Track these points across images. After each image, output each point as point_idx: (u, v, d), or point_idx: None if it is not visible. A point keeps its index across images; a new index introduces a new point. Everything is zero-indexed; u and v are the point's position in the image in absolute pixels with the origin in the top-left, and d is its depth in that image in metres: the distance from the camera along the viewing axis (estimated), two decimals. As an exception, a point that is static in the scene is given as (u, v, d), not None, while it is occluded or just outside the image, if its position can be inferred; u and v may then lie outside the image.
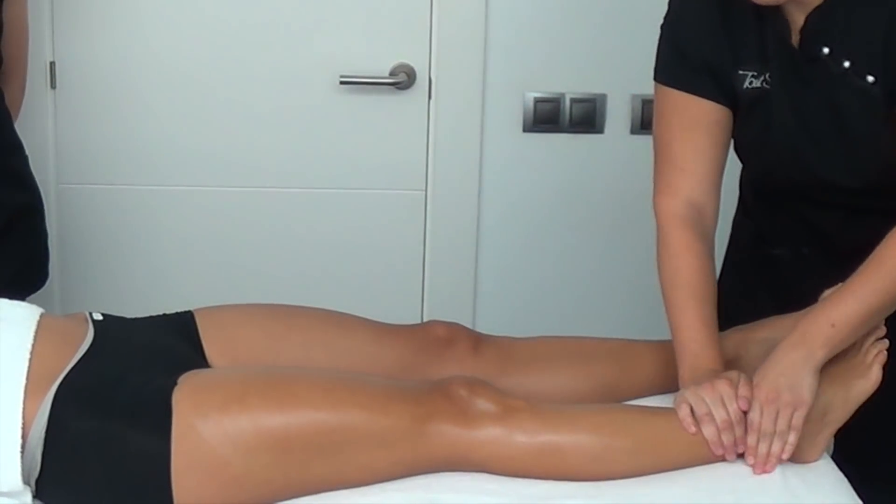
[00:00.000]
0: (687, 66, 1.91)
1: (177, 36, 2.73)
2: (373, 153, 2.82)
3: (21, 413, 1.62)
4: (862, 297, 1.77)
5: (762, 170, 2.01)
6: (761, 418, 1.73)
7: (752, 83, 1.87)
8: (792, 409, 1.73)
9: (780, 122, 1.88)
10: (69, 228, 2.80)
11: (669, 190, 1.93)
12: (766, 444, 1.73)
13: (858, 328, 1.78)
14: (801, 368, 1.75)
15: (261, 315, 1.92)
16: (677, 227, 1.91)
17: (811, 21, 1.81)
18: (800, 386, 1.74)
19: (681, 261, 1.90)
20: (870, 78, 1.79)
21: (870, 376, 1.81)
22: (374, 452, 1.68)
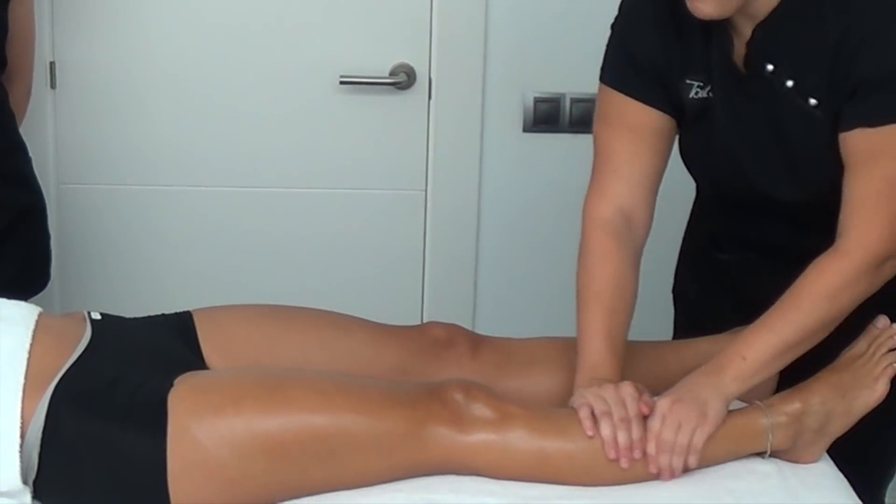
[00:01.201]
0: (635, 71, 1.88)
1: (177, 36, 2.73)
2: (373, 153, 2.82)
3: (20, 412, 1.62)
4: (777, 331, 1.75)
5: (707, 180, 1.99)
6: (662, 427, 1.70)
7: (697, 93, 1.85)
8: (694, 425, 1.70)
9: (722, 135, 1.86)
10: (69, 228, 2.81)
11: (601, 194, 1.90)
12: (667, 457, 1.70)
13: (773, 363, 1.76)
14: (710, 393, 1.73)
15: (259, 316, 1.91)
16: (601, 234, 1.88)
17: (757, 35, 1.78)
18: (706, 406, 1.71)
19: (598, 269, 1.87)
20: (812, 101, 1.76)
21: (876, 389, 1.79)
22: (371, 457, 1.67)
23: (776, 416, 1.76)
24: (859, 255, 1.73)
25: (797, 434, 1.77)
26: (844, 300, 1.75)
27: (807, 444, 1.78)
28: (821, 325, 1.76)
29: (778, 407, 1.77)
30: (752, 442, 1.77)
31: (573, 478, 1.71)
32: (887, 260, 1.75)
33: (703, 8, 1.71)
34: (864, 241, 1.73)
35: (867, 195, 1.73)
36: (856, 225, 1.74)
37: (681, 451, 1.70)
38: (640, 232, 1.91)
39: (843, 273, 1.73)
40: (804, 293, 1.75)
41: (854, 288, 1.75)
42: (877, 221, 1.73)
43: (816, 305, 1.74)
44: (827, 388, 1.79)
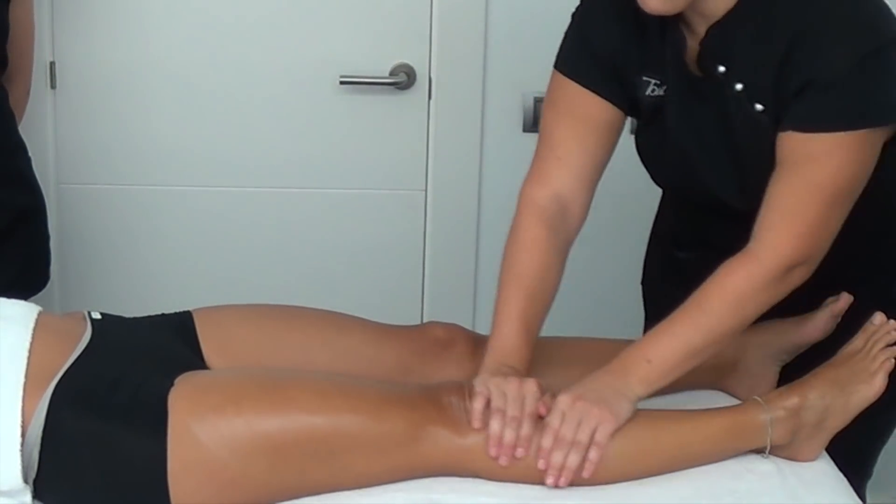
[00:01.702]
0: (591, 62, 1.87)
1: (177, 36, 2.73)
2: (373, 153, 2.82)
3: (20, 412, 1.62)
4: (682, 335, 1.74)
5: (661, 179, 1.98)
6: (561, 424, 1.68)
7: (654, 91, 1.84)
8: (596, 421, 1.68)
9: (675, 135, 1.85)
10: (69, 228, 2.80)
11: (541, 179, 1.90)
12: (563, 454, 1.67)
13: (679, 366, 1.74)
14: (614, 392, 1.71)
15: (259, 316, 1.92)
16: (533, 219, 1.88)
17: (710, 36, 1.76)
18: (610, 403, 1.69)
19: (524, 254, 1.87)
20: (759, 106, 1.75)
21: (873, 384, 1.79)
22: (370, 458, 1.67)
23: (775, 411, 1.76)
24: (770, 261, 1.72)
25: (796, 429, 1.77)
26: (751, 305, 1.74)
27: (806, 440, 1.78)
28: (727, 329, 1.75)
29: (776, 402, 1.78)
30: (751, 437, 1.77)
31: (573, 477, 1.71)
32: (796, 267, 1.73)
33: (650, 3, 1.70)
34: (777, 246, 1.72)
35: (788, 200, 1.72)
36: (770, 229, 1.72)
37: (579, 448, 1.67)
38: (574, 222, 1.91)
39: (752, 278, 1.72)
40: (711, 297, 1.74)
41: (762, 293, 1.74)
42: (793, 228, 1.71)
43: (722, 309, 1.73)
44: (825, 384, 1.79)
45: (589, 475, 1.68)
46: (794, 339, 1.92)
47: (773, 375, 1.92)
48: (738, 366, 1.94)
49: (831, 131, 1.69)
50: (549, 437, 1.68)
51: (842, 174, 1.71)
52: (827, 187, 1.71)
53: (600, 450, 1.68)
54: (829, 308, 1.91)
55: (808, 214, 1.71)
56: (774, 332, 1.93)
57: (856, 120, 1.69)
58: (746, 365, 1.93)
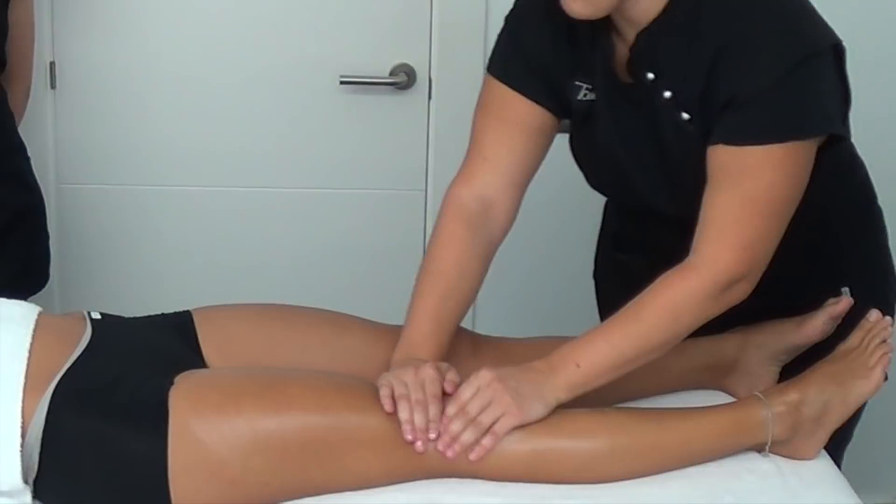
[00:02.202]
0: (522, 65, 1.86)
1: (177, 36, 2.73)
2: (373, 153, 2.82)
3: (20, 413, 1.62)
4: (615, 342, 1.72)
5: (595, 182, 1.98)
6: (472, 398, 1.68)
7: (585, 96, 1.83)
8: (503, 410, 1.67)
9: (604, 139, 1.85)
10: (69, 228, 2.81)
11: (466, 179, 1.90)
12: (461, 425, 1.67)
13: (607, 373, 1.73)
14: (533, 391, 1.70)
15: (258, 315, 1.92)
16: (455, 218, 1.88)
17: (639, 42, 1.75)
18: (524, 400, 1.68)
19: (443, 251, 1.87)
20: (685, 115, 1.74)
21: (871, 378, 1.80)
22: (370, 458, 1.67)
23: (775, 407, 1.77)
24: (708, 275, 1.70)
25: (796, 424, 1.78)
26: (687, 318, 1.73)
27: (806, 436, 1.79)
28: (661, 340, 1.74)
29: (776, 397, 1.79)
30: (753, 433, 1.77)
31: (570, 476, 1.71)
32: (736, 282, 1.71)
33: (573, 6, 1.70)
34: (715, 260, 1.70)
35: (724, 214, 1.70)
36: (709, 243, 1.71)
37: (478, 428, 1.67)
38: (499, 224, 1.91)
39: (689, 290, 1.71)
40: (647, 307, 1.72)
41: (699, 307, 1.72)
42: (730, 242, 1.70)
43: (658, 320, 1.72)
44: (824, 379, 1.80)
45: (476, 458, 1.66)
46: (793, 339, 1.92)
47: (772, 375, 1.92)
48: (737, 366, 1.94)
49: (760, 144, 1.68)
50: (455, 406, 1.68)
51: (776, 187, 1.69)
52: (762, 200, 1.69)
53: (495, 439, 1.67)
54: (828, 309, 1.92)
55: (745, 228, 1.70)
56: (774, 333, 1.93)
57: (783, 132, 1.68)
58: (746, 365, 1.93)
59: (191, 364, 1.77)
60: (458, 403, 1.69)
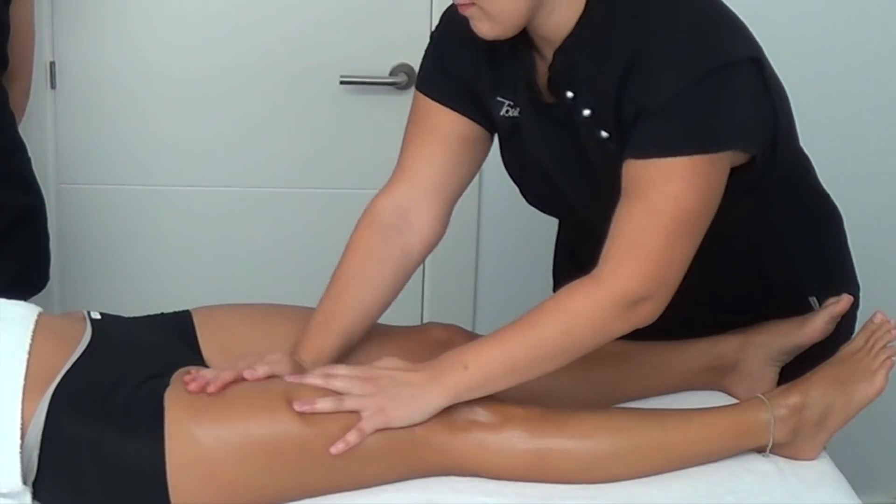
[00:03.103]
0: (445, 78, 1.86)
1: (177, 36, 2.73)
2: (373, 153, 2.82)
3: (20, 414, 1.62)
4: (506, 346, 1.68)
5: (529, 197, 1.96)
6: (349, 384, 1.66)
7: (508, 112, 1.82)
8: (374, 409, 1.65)
9: (532, 156, 1.84)
10: (69, 228, 2.81)
11: (385, 189, 1.90)
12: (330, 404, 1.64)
13: (496, 380, 1.68)
14: (413, 395, 1.66)
15: (258, 315, 1.92)
16: (365, 225, 1.89)
17: (556, 61, 1.72)
18: (398, 403, 1.66)
19: (348, 256, 1.88)
20: (604, 133, 1.70)
21: (874, 382, 1.79)
22: (368, 459, 1.67)
23: (777, 409, 1.77)
24: (610, 287, 1.65)
25: (797, 427, 1.78)
26: (583, 330, 1.67)
27: (807, 438, 1.79)
28: (555, 350, 1.68)
29: (779, 400, 1.78)
30: (755, 435, 1.77)
31: (572, 476, 1.72)
32: (642, 300, 1.65)
33: (480, 28, 1.69)
34: (618, 274, 1.64)
35: (630, 228, 1.65)
36: (614, 255, 1.65)
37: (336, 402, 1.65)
38: (417, 233, 1.89)
39: (588, 300, 1.66)
40: (544, 314, 1.68)
41: (597, 320, 1.66)
42: (635, 256, 1.64)
43: (552, 329, 1.67)
44: (826, 382, 1.79)
45: (336, 452, 1.63)
46: (793, 340, 1.92)
47: (772, 376, 1.92)
48: (737, 366, 1.94)
49: (664, 157, 1.62)
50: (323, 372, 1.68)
51: (681, 201, 1.63)
52: (667, 215, 1.63)
53: (361, 436, 1.64)
54: (828, 309, 1.92)
55: (650, 244, 1.64)
56: (774, 333, 1.93)
57: (688, 145, 1.62)
58: (746, 365, 1.93)
59: (189, 363, 1.77)
60: (326, 377, 1.68)
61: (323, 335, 1.82)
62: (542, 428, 1.71)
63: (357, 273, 1.87)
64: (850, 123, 2.81)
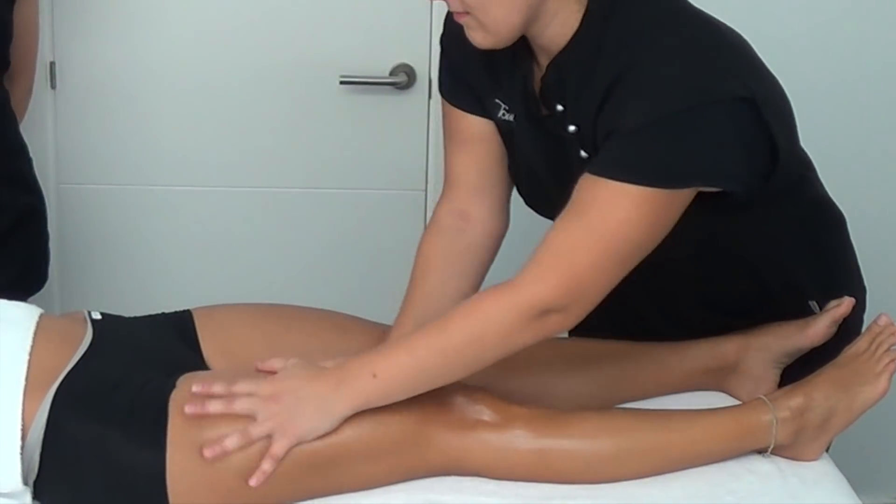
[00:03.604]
0: (455, 81, 1.89)
1: (177, 36, 2.73)
2: (373, 153, 2.82)
3: (21, 414, 1.62)
4: (417, 354, 1.64)
5: (526, 199, 1.97)
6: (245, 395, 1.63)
7: (503, 115, 1.84)
8: (280, 431, 1.61)
9: (525, 161, 1.86)
10: (69, 228, 2.80)
11: (442, 197, 1.95)
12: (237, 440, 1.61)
13: (404, 388, 1.65)
14: (319, 406, 1.63)
15: (259, 315, 1.92)
16: (431, 234, 1.94)
17: (549, 73, 1.72)
18: (304, 417, 1.62)
19: (420, 263, 1.94)
20: (583, 153, 1.70)
21: (877, 385, 1.79)
22: (371, 459, 1.67)
23: (779, 411, 1.77)
24: (525, 295, 1.63)
25: (800, 429, 1.78)
26: (493, 338, 1.64)
27: (809, 441, 1.79)
28: (465, 359, 1.65)
29: (781, 402, 1.78)
30: (756, 437, 1.77)
31: (574, 476, 1.72)
32: (554, 311, 1.63)
33: (474, 37, 1.70)
34: (537, 281, 1.63)
35: (561, 239, 1.63)
36: (537, 263, 1.64)
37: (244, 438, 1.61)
38: (479, 229, 1.93)
39: (499, 307, 1.64)
40: (455, 320, 1.66)
41: (507, 328, 1.64)
42: (558, 267, 1.62)
43: (463, 336, 1.64)
44: (829, 384, 1.79)
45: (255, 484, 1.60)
46: (795, 342, 1.92)
47: (773, 378, 1.92)
48: (739, 368, 1.94)
49: (619, 180, 1.59)
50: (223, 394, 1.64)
51: (623, 228, 1.61)
52: (604, 236, 1.61)
53: (274, 463, 1.61)
54: (830, 313, 1.91)
55: (578, 259, 1.62)
56: (776, 335, 1.93)
57: (645, 175, 1.59)
58: (748, 367, 1.93)
59: (191, 364, 1.78)
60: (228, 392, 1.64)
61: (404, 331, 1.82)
62: (546, 427, 1.72)
63: (426, 269, 1.92)
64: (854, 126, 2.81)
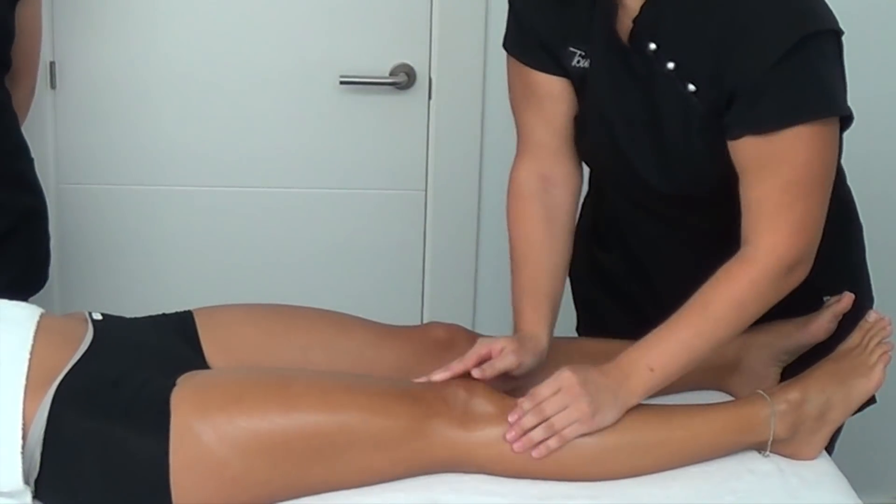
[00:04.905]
0: (523, 38, 1.89)
1: (177, 36, 2.73)
2: (373, 153, 2.82)
3: (21, 414, 1.62)
4: (686, 342, 1.74)
5: (585, 154, 1.97)
6: (550, 395, 1.71)
7: (579, 62, 1.85)
8: (578, 417, 1.70)
9: (599, 107, 1.86)
10: (69, 228, 2.80)
11: (517, 160, 1.96)
12: (534, 420, 1.69)
13: (678, 372, 1.75)
14: (612, 398, 1.72)
15: (260, 315, 1.92)
16: (515, 197, 1.94)
17: (644, 12, 1.75)
18: (600, 407, 1.71)
19: (516, 230, 1.93)
20: (691, 86, 1.74)
21: (872, 376, 1.81)
22: (373, 454, 1.68)
23: (777, 405, 1.78)
24: (768, 263, 1.72)
25: (798, 422, 1.78)
26: (753, 308, 1.75)
27: (807, 434, 1.79)
28: (730, 333, 1.76)
29: (778, 395, 1.79)
30: (755, 431, 1.78)
31: (575, 471, 1.72)
32: (798, 265, 1.73)
33: None
34: (771, 248, 1.71)
35: (767, 203, 1.71)
36: (760, 233, 1.72)
37: (548, 430, 1.69)
38: (561, 187, 1.94)
39: (752, 281, 1.72)
40: (714, 302, 1.73)
41: (762, 296, 1.74)
42: (781, 228, 1.71)
43: (726, 314, 1.73)
44: (825, 377, 1.81)
45: (538, 456, 1.68)
46: (796, 340, 1.93)
47: (774, 376, 1.93)
48: (739, 366, 1.94)
49: (785, 127, 1.68)
50: (531, 401, 1.71)
51: (811, 167, 1.71)
52: (801, 182, 1.71)
53: (562, 442, 1.69)
54: (830, 309, 1.92)
55: (793, 212, 1.71)
56: (776, 334, 1.93)
57: (804, 112, 1.68)
58: (748, 365, 1.94)
59: (192, 364, 1.78)
60: (534, 399, 1.71)
61: (533, 306, 1.86)
62: (548, 423, 1.72)
63: (531, 240, 1.91)
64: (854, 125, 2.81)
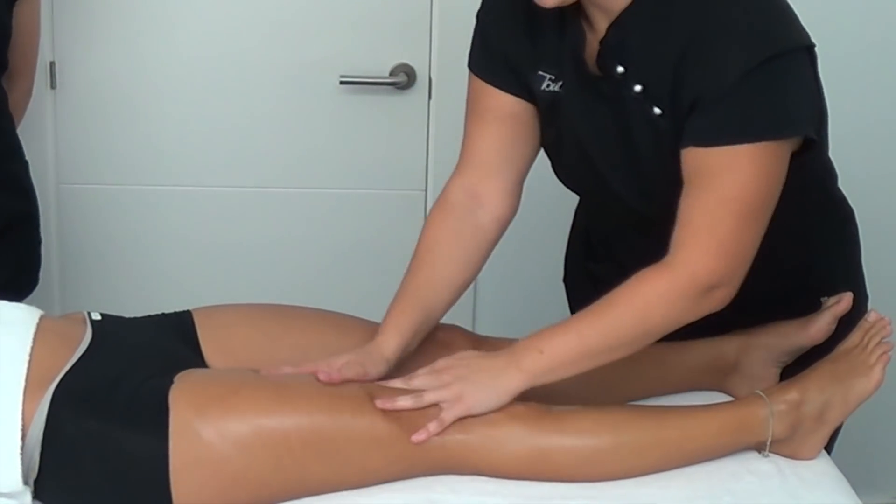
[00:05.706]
0: (489, 57, 1.88)
1: (177, 36, 2.74)
2: (373, 153, 2.83)
3: (20, 414, 1.62)
4: (580, 332, 1.72)
5: (564, 177, 1.97)
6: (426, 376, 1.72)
7: (549, 86, 1.83)
8: (453, 398, 1.69)
9: (572, 132, 1.85)
10: (69, 228, 2.81)
11: (454, 173, 1.94)
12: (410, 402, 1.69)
13: (570, 364, 1.72)
14: (490, 381, 1.70)
15: (258, 315, 1.92)
16: (439, 209, 1.93)
17: (609, 34, 1.73)
18: (476, 390, 1.70)
19: (424, 237, 1.93)
20: (657, 109, 1.71)
21: (872, 376, 1.80)
22: (371, 453, 1.68)
23: (775, 405, 1.77)
24: (682, 275, 1.68)
25: (796, 423, 1.78)
26: (657, 317, 1.70)
27: (806, 434, 1.79)
28: (629, 337, 1.72)
29: (777, 396, 1.79)
30: (753, 431, 1.78)
31: (572, 473, 1.72)
32: (716, 288, 1.68)
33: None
34: (691, 261, 1.67)
35: (699, 215, 1.67)
36: (685, 244, 1.68)
37: (417, 399, 1.69)
38: (489, 211, 1.93)
39: (661, 288, 1.69)
40: (618, 303, 1.71)
41: (671, 307, 1.69)
42: (706, 244, 1.67)
43: (627, 315, 1.70)
44: (824, 378, 1.80)
45: (418, 441, 1.67)
46: (795, 341, 1.93)
47: (773, 377, 1.93)
48: (739, 367, 1.94)
49: (728, 144, 1.64)
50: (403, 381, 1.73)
51: (748, 188, 1.66)
52: (735, 201, 1.66)
53: (440, 426, 1.68)
54: (830, 310, 1.92)
55: (720, 230, 1.67)
56: (776, 335, 1.93)
57: (753, 132, 1.64)
58: (748, 366, 1.94)
59: (191, 364, 1.78)
60: (407, 379, 1.73)
61: (403, 312, 1.86)
62: (543, 424, 1.72)
63: (432, 250, 1.91)
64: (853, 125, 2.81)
